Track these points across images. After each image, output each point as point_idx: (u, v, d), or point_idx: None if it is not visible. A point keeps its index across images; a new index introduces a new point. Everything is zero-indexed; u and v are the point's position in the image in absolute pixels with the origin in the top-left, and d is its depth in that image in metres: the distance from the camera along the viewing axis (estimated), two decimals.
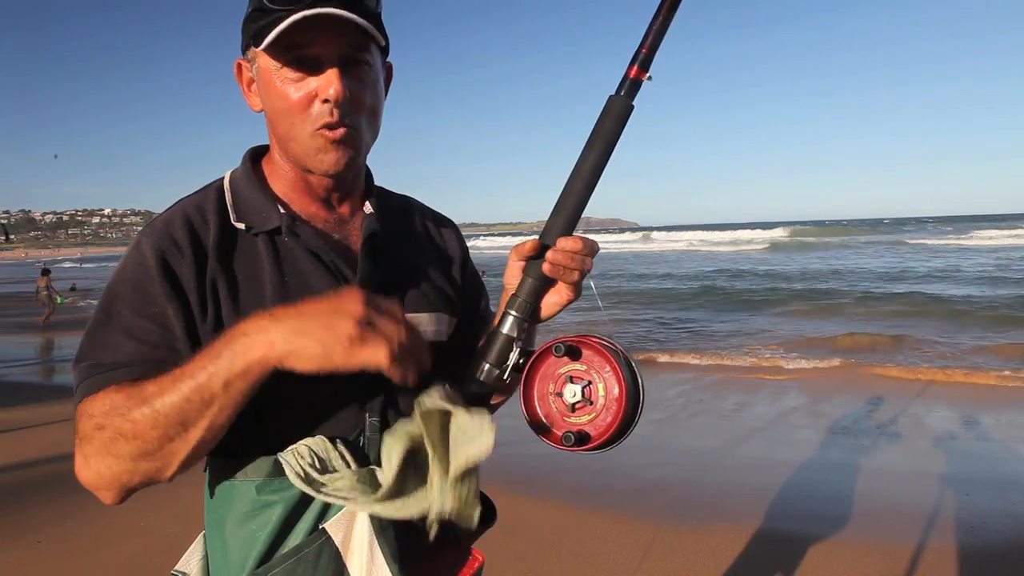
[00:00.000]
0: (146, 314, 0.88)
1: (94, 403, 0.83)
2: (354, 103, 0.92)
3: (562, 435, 0.86)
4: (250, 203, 0.97)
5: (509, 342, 0.92)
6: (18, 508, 3.99)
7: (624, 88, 0.90)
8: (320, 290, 0.92)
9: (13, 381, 8.28)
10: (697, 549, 3.33)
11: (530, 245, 0.92)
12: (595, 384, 0.87)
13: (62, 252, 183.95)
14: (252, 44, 0.92)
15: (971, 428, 5.43)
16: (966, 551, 3.28)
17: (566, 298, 0.95)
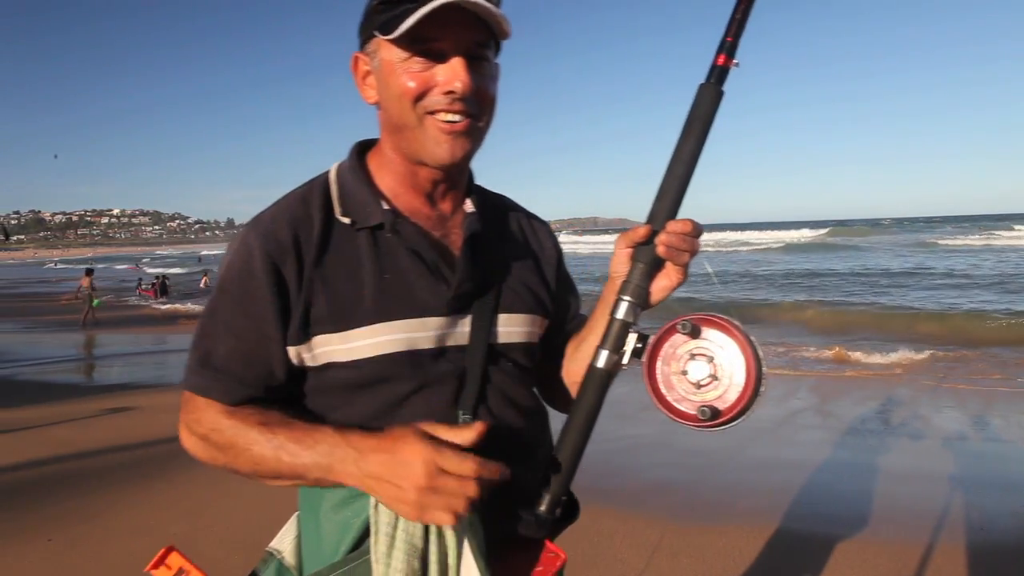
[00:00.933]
0: (245, 313, 0.93)
1: (203, 414, 0.94)
2: (477, 96, 0.93)
3: (697, 410, 0.87)
4: (355, 197, 0.99)
5: (625, 327, 0.94)
6: (29, 506, 4.01)
7: (713, 76, 0.92)
8: (419, 289, 0.96)
9: (23, 380, 8.35)
10: (705, 549, 3.32)
11: (642, 231, 0.93)
12: (719, 360, 0.88)
13: (71, 252, 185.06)
14: (379, 33, 0.91)
15: (980, 429, 5.40)
16: (975, 552, 3.26)
17: (676, 281, 0.96)
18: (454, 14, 0.87)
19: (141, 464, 4.82)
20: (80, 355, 10.42)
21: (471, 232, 1.00)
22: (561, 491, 0.94)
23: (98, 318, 14.79)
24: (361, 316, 0.93)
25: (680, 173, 0.93)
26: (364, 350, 0.93)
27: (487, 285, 1.02)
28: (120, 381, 8.22)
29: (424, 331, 0.96)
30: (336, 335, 0.93)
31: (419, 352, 0.95)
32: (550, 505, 0.94)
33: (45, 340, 12.60)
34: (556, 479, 0.94)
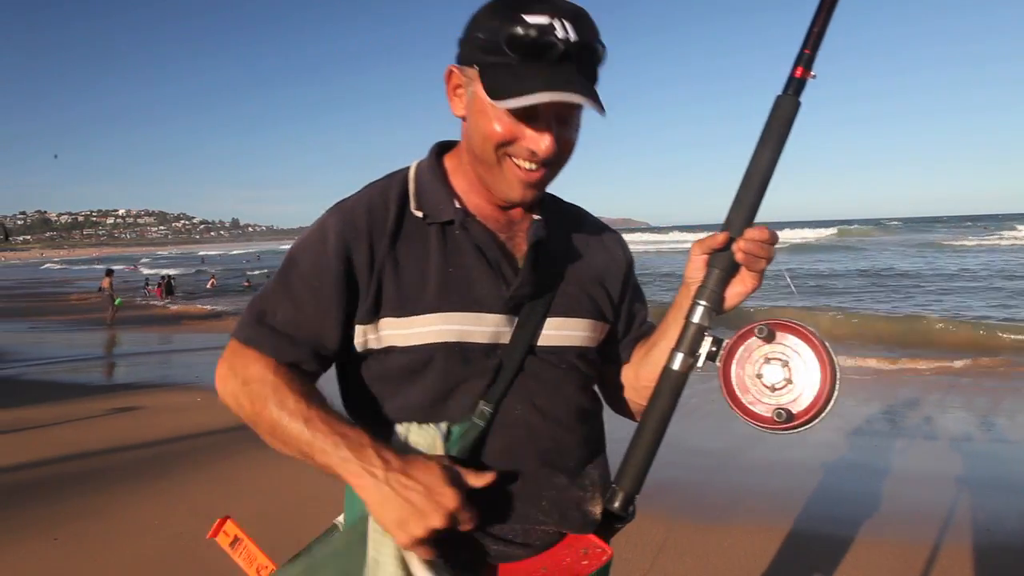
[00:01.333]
0: (310, 285, 0.99)
1: (250, 363, 0.98)
2: (556, 155, 0.97)
3: (772, 413, 0.90)
4: (430, 194, 1.04)
5: (700, 331, 0.97)
6: (35, 505, 4.03)
7: (791, 87, 0.95)
8: (479, 285, 1.01)
9: (29, 380, 8.38)
10: (710, 549, 3.31)
11: (721, 238, 0.96)
12: (793, 363, 0.90)
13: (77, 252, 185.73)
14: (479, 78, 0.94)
15: (987, 429, 5.38)
16: (981, 553, 3.25)
17: (750, 287, 0.98)
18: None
19: (146, 463, 4.83)
20: (90, 354, 10.46)
21: (536, 239, 1.04)
22: (634, 489, 0.98)
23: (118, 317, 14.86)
24: (423, 305, 0.99)
25: (757, 182, 0.96)
26: (421, 337, 0.98)
27: (545, 289, 1.05)
28: (125, 381, 8.24)
29: (478, 326, 1.00)
30: (399, 319, 0.99)
31: (469, 345, 1.00)
32: (623, 502, 0.98)
33: (59, 339, 12.64)
34: (629, 477, 0.98)
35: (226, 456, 4.96)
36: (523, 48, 0.90)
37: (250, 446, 5.17)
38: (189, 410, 6.42)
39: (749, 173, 0.96)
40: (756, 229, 0.94)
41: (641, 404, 1.16)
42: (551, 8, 0.91)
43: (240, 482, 4.44)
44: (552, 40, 0.89)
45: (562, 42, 0.90)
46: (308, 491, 4.20)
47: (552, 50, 0.90)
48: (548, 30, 0.89)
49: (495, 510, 1.00)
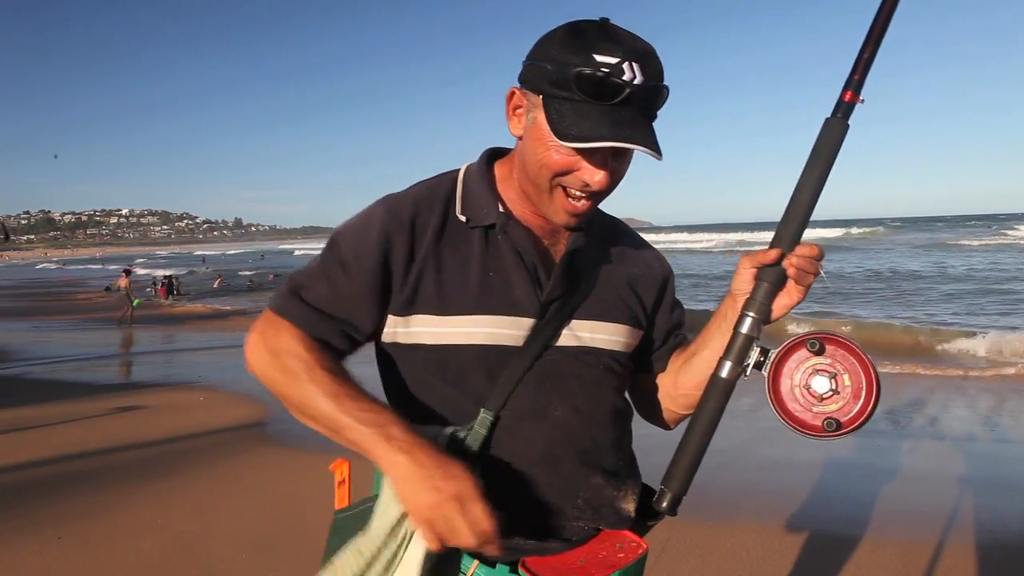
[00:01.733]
0: (347, 268, 1.02)
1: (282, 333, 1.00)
2: (608, 186, 1.00)
3: (823, 422, 0.95)
4: (476, 198, 1.08)
5: (749, 341, 1.00)
6: (38, 505, 4.03)
7: (840, 111, 0.98)
8: (517, 289, 1.04)
9: (33, 379, 8.40)
10: (712, 549, 3.31)
11: (773, 254, 0.99)
12: (841, 375, 0.96)
13: (80, 252, 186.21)
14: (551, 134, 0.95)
15: (991, 429, 5.37)
16: (984, 553, 3.24)
17: (796, 299, 1.02)
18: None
19: (149, 463, 4.84)
20: (93, 353, 10.48)
21: (573, 247, 1.07)
22: (682, 490, 1.02)
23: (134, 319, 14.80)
24: (461, 306, 1.02)
25: (806, 201, 0.99)
26: (453, 337, 1.02)
27: (578, 293, 1.09)
28: (128, 380, 8.27)
29: (513, 329, 1.03)
30: (435, 318, 1.02)
31: (501, 348, 1.03)
32: (671, 503, 1.01)
33: (63, 338, 12.66)
34: (677, 479, 1.02)
35: (229, 455, 4.97)
36: (591, 89, 0.92)
37: (253, 445, 5.18)
38: (192, 409, 6.43)
39: (798, 191, 0.99)
40: (807, 246, 0.99)
41: (677, 412, 1.21)
42: (622, 50, 0.92)
43: (243, 481, 4.44)
44: (619, 83, 0.91)
45: (628, 85, 0.92)
46: (311, 490, 4.20)
47: (618, 93, 0.92)
48: (617, 72, 0.91)
49: (531, 506, 1.03)
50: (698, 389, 1.11)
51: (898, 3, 0.96)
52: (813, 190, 0.99)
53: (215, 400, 6.76)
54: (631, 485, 1.12)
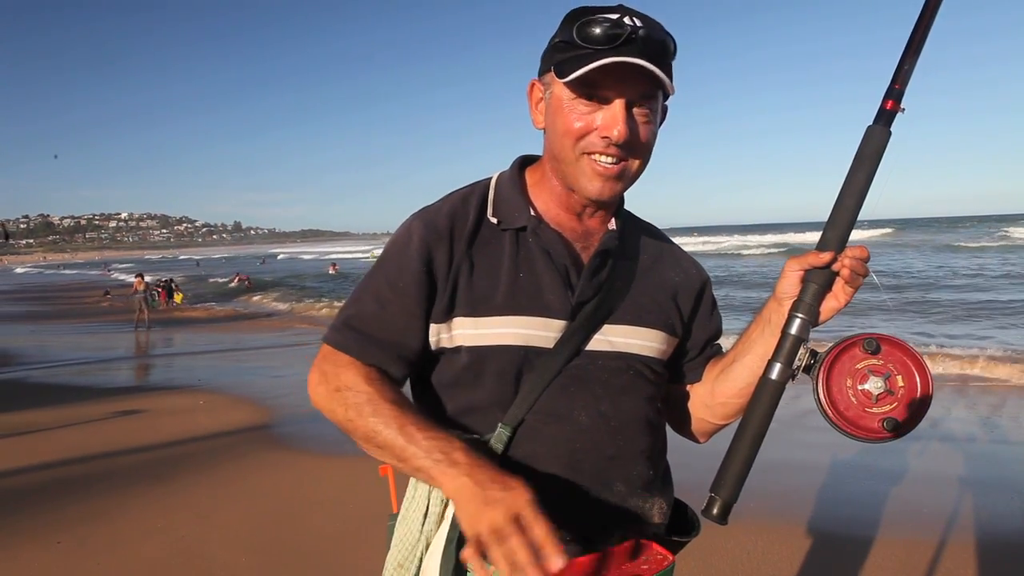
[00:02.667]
0: (394, 286, 1.04)
1: (341, 369, 1.02)
2: (631, 143, 1.00)
3: (880, 423, 0.94)
4: (508, 202, 1.10)
5: (798, 343, 1.00)
6: (38, 509, 4.03)
7: (882, 119, 1.00)
8: (547, 291, 1.04)
9: (33, 383, 8.40)
10: (712, 551, 3.31)
11: (826, 256, 0.99)
12: (895, 376, 0.95)
13: (80, 255, 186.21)
14: (552, 71, 1.01)
15: (990, 430, 5.37)
16: (984, 554, 3.24)
17: (843, 302, 1.02)
18: (625, 67, 0.95)
19: (150, 467, 4.84)
20: (92, 357, 10.47)
21: (604, 248, 1.08)
22: (732, 497, 1.02)
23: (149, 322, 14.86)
24: (493, 307, 1.03)
25: (851, 205, 1.00)
26: (488, 338, 1.02)
27: (613, 298, 1.08)
28: (128, 384, 8.26)
29: (544, 331, 1.03)
30: (470, 319, 1.03)
31: (533, 349, 1.03)
32: (721, 510, 1.01)
33: (66, 342, 12.65)
34: (727, 486, 1.02)
35: (229, 459, 4.96)
36: (594, 37, 0.95)
37: (253, 449, 5.18)
38: (192, 413, 6.43)
39: (842, 197, 1.01)
40: (857, 248, 0.99)
41: (712, 423, 1.20)
42: (622, 8, 0.98)
43: (244, 486, 4.44)
44: (620, 29, 0.95)
45: (630, 28, 0.95)
46: (311, 494, 4.20)
47: (619, 37, 0.95)
48: (618, 23, 0.95)
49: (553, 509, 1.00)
50: (738, 397, 1.11)
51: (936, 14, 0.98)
52: (858, 195, 1.00)
53: (216, 404, 6.76)
54: (660, 498, 1.10)
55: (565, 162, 1.03)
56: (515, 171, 1.13)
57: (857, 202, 1.00)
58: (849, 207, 1.00)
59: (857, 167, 1.00)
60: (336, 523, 3.60)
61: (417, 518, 1.02)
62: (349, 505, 3.85)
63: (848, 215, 1.01)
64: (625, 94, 0.98)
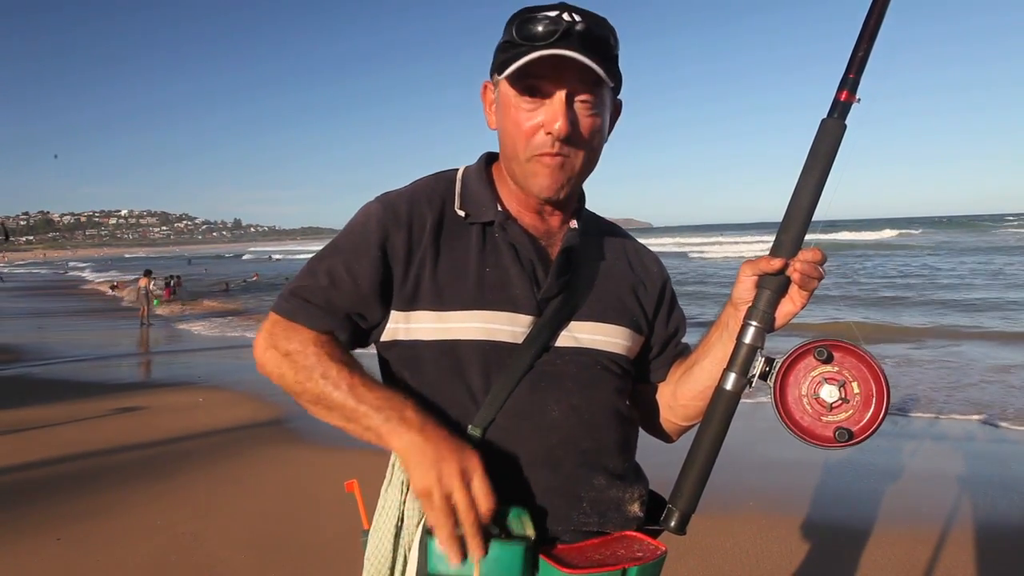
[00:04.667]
0: (348, 265, 1.04)
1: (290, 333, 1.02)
2: (573, 136, 1.00)
3: (835, 432, 0.93)
4: (475, 195, 1.09)
5: (752, 351, 0.98)
6: (37, 506, 4.04)
7: (836, 111, 0.96)
8: (514, 286, 1.04)
9: (33, 379, 8.40)
10: (713, 550, 3.31)
11: (776, 262, 0.97)
12: (849, 383, 0.94)
13: (80, 252, 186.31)
14: (497, 72, 1.02)
15: (989, 430, 5.37)
16: (984, 549, 3.25)
17: (799, 306, 1.00)
18: (561, 59, 0.95)
19: (149, 464, 4.84)
20: (93, 354, 10.47)
21: (568, 245, 1.08)
22: (690, 508, 1.01)
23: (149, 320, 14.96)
24: (459, 301, 1.02)
25: (805, 205, 0.97)
26: (453, 332, 1.02)
27: (578, 294, 1.08)
28: (128, 380, 8.26)
29: (510, 326, 1.03)
30: (433, 313, 1.02)
31: (499, 344, 1.02)
32: (679, 522, 1.00)
33: (61, 339, 12.64)
34: (685, 498, 1.00)
35: (228, 456, 4.96)
36: (532, 34, 0.96)
37: (252, 446, 5.18)
38: (192, 410, 6.43)
39: (797, 195, 0.98)
40: (811, 251, 0.96)
41: (677, 423, 1.20)
42: (562, 6, 0.98)
43: (243, 482, 4.44)
44: (557, 24, 0.95)
45: (568, 23, 0.95)
46: (310, 492, 4.21)
47: (555, 32, 0.95)
48: (556, 19, 0.96)
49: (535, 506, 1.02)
50: (697, 399, 1.11)
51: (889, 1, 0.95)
52: (812, 193, 0.97)
53: (215, 401, 6.77)
54: (637, 488, 1.11)
55: (516, 162, 1.03)
56: (482, 165, 1.13)
57: (812, 201, 0.97)
58: (803, 207, 0.97)
59: (811, 164, 0.97)
60: (335, 520, 3.60)
61: (388, 532, 1.00)
62: (348, 502, 3.82)
63: (802, 215, 0.97)
64: (565, 88, 0.98)
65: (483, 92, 1.09)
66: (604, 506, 1.06)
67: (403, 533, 0.99)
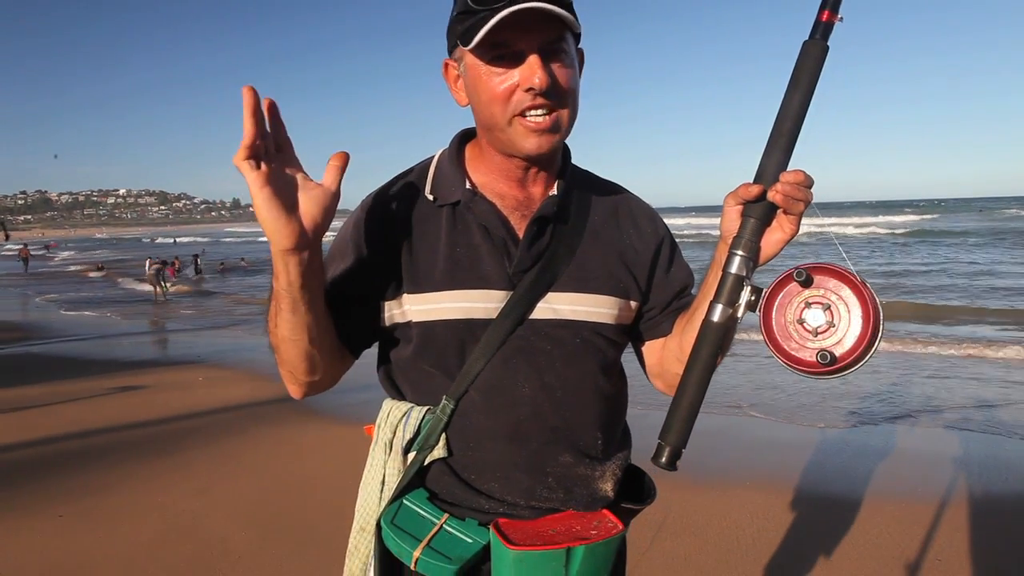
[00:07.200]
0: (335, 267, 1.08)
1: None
2: (555, 89, 0.99)
3: (816, 356, 0.88)
4: (445, 178, 1.10)
5: (739, 281, 0.95)
6: (40, 483, 4.06)
7: (818, 31, 0.92)
8: (485, 263, 1.04)
9: (34, 358, 8.42)
10: (709, 528, 3.34)
11: (755, 189, 0.94)
12: (835, 306, 0.89)
13: (78, 232, 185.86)
14: (460, 44, 0.99)
15: (984, 409, 5.40)
16: (979, 525, 3.28)
17: (789, 232, 0.96)
18: (526, 16, 0.93)
19: (150, 442, 4.87)
20: (93, 333, 10.48)
21: (539, 215, 1.06)
22: (680, 443, 0.96)
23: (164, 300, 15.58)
24: (433, 283, 1.04)
25: (788, 129, 0.94)
26: (432, 313, 1.04)
27: (556, 265, 1.07)
28: (130, 358, 8.28)
29: (485, 302, 1.04)
30: (416, 295, 1.05)
31: (475, 321, 1.04)
32: (669, 457, 0.95)
33: (67, 317, 12.66)
34: (674, 432, 0.95)
35: (230, 435, 4.99)
36: None
37: (253, 424, 5.21)
38: (192, 388, 6.46)
39: (779, 121, 0.94)
40: (793, 172, 0.92)
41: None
42: None
43: (243, 460, 4.47)
44: None
45: None
46: (311, 469, 4.24)
47: None
48: None
49: (502, 480, 1.05)
50: None
51: None
52: (795, 117, 0.93)
53: (215, 379, 6.79)
54: (612, 465, 1.12)
55: (498, 129, 1.01)
56: (454, 147, 1.13)
57: (795, 125, 0.93)
58: (786, 132, 0.94)
59: (793, 88, 0.93)
60: (337, 496, 3.62)
61: (375, 485, 1.07)
62: (350, 478, 3.85)
63: (785, 140, 0.94)
64: (535, 43, 0.96)
65: (445, 71, 1.08)
66: (571, 482, 1.07)
67: (384, 488, 1.06)
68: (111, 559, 3.13)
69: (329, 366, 1.06)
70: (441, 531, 1.02)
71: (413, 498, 1.06)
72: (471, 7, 0.95)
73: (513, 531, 1.02)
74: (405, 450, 1.06)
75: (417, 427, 1.05)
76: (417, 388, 1.09)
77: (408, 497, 1.06)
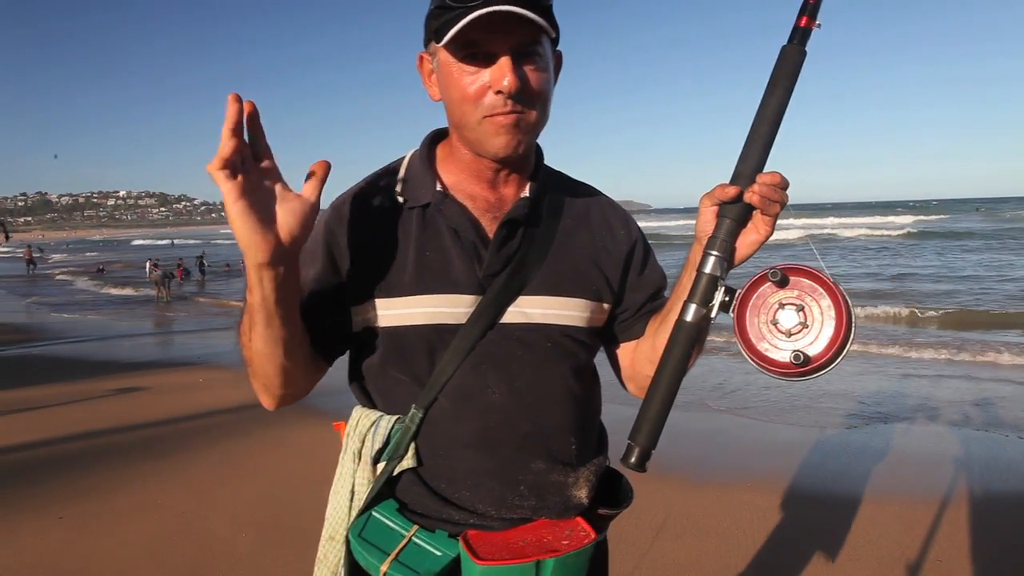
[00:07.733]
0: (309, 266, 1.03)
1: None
2: (525, 92, 0.98)
3: (790, 357, 0.88)
4: (415, 180, 1.08)
5: (713, 281, 0.95)
6: (40, 485, 4.06)
7: (796, 37, 0.93)
8: (454, 267, 1.02)
9: (34, 359, 8.41)
10: (709, 530, 3.34)
11: (732, 190, 0.94)
12: (808, 308, 0.89)
13: (78, 233, 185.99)
14: (433, 40, 0.99)
15: (984, 410, 5.40)
16: (979, 525, 3.28)
17: (764, 234, 0.96)
18: (499, 17, 0.91)
19: (150, 443, 4.87)
20: (93, 335, 10.48)
21: (509, 217, 1.04)
22: (650, 444, 0.95)
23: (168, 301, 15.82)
24: (401, 287, 1.02)
25: (764, 132, 0.94)
26: (400, 318, 1.02)
27: (526, 268, 1.05)
28: (130, 360, 8.28)
29: (453, 307, 1.02)
30: (384, 300, 1.03)
31: (443, 327, 1.02)
32: (639, 458, 0.94)
33: (69, 319, 12.66)
34: (644, 432, 0.95)
35: (229, 436, 4.99)
36: None
37: (252, 426, 5.20)
38: (192, 390, 6.46)
39: (756, 125, 0.95)
40: (769, 174, 0.92)
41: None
42: None
43: (243, 463, 4.47)
44: None
45: None
46: (310, 471, 4.23)
47: None
48: None
49: (472, 488, 1.03)
50: None
51: None
52: (772, 121, 0.94)
53: (215, 381, 6.79)
54: (586, 471, 1.09)
55: (467, 128, 1.00)
56: (425, 147, 1.11)
57: (771, 130, 0.94)
58: (762, 136, 0.94)
59: (771, 91, 0.94)
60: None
61: (345, 494, 1.06)
62: None
63: (762, 143, 0.94)
64: (507, 45, 0.95)
65: (419, 64, 1.06)
66: (543, 490, 1.05)
67: (354, 499, 1.05)
68: (112, 560, 3.13)
69: (303, 378, 1.04)
70: (410, 544, 1.01)
71: (382, 509, 1.04)
72: (447, 3, 0.94)
73: (482, 544, 0.99)
74: (375, 460, 1.04)
75: (386, 437, 1.03)
76: (387, 396, 1.07)
77: (377, 508, 1.04)
